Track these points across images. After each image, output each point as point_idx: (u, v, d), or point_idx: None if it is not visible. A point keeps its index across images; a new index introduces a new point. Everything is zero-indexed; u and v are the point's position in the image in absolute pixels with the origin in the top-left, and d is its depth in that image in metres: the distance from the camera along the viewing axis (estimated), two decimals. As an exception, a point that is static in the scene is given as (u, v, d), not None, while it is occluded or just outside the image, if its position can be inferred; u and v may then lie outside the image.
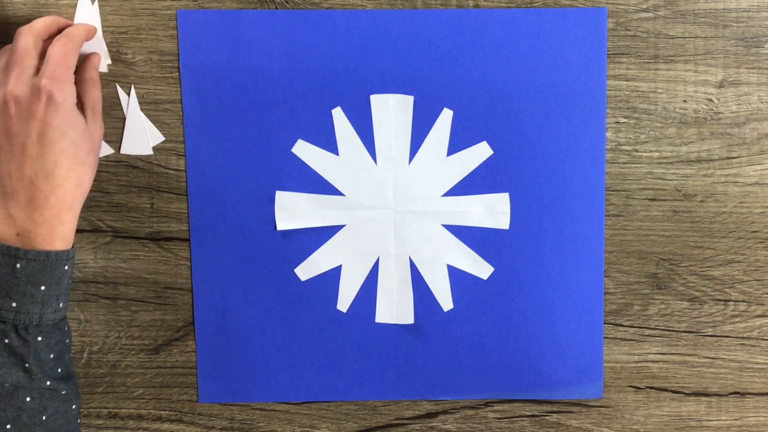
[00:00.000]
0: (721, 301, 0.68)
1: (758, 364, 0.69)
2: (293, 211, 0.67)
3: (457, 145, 0.67)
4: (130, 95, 0.66)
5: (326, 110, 0.66)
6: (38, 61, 0.59)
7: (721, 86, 0.66)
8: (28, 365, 0.57)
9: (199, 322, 0.68)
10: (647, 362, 0.69)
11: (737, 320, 0.69)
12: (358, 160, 0.67)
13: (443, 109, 0.66)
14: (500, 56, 0.66)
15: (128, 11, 0.65)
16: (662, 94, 0.66)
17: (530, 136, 0.66)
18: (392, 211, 0.67)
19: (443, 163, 0.67)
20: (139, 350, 0.69)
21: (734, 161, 0.67)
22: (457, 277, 0.68)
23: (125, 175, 0.67)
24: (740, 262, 0.68)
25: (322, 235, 0.68)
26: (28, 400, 0.57)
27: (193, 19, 0.65)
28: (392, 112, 0.66)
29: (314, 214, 0.67)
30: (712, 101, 0.66)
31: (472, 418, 0.70)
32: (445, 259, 0.68)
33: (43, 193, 0.57)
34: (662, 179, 0.67)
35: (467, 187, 0.67)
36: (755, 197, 0.67)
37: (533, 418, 0.70)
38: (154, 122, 0.67)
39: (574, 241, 0.67)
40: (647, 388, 0.69)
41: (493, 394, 0.69)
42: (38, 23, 0.60)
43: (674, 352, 0.69)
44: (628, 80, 0.66)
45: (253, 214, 0.67)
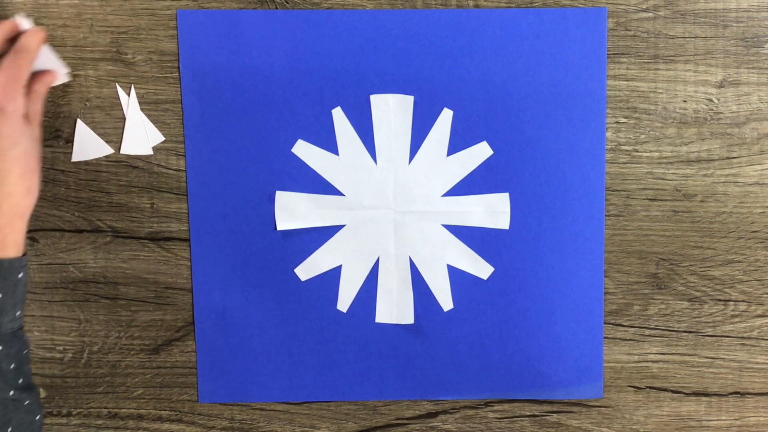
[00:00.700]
0: (721, 301, 0.68)
1: (758, 364, 0.69)
2: (293, 211, 0.67)
3: (457, 145, 0.67)
4: (130, 95, 0.66)
5: (326, 110, 0.66)
6: None
7: (721, 86, 0.66)
8: None
9: (199, 322, 0.68)
10: (647, 362, 0.69)
11: (737, 320, 0.69)
12: (358, 160, 0.67)
13: (443, 109, 0.66)
14: (500, 56, 0.66)
15: (128, 11, 0.65)
16: (662, 94, 0.66)
17: (530, 136, 0.66)
18: (392, 211, 0.67)
19: (443, 163, 0.67)
20: (139, 350, 0.69)
21: (734, 161, 0.67)
22: (457, 277, 0.68)
23: (125, 175, 0.67)
24: (740, 262, 0.68)
25: (322, 235, 0.68)
26: None
27: (193, 19, 0.65)
28: (392, 112, 0.66)
29: (314, 214, 0.67)
30: (712, 101, 0.66)
31: (472, 418, 0.70)
32: (445, 259, 0.68)
33: None
34: (662, 179, 0.67)
35: (467, 187, 0.67)
36: (755, 197, 0.67)
37: (533, 418, 0.70)
38: (154, 122, 0.67)
39: (574, 241, 0.67)
40: (647, 388, 0.69)
41: (493, 394, 0.69)
42: None
43: (674, 352, 0.69)
44: (628, 80, 0.66)
45: (253, 214, 0.67)
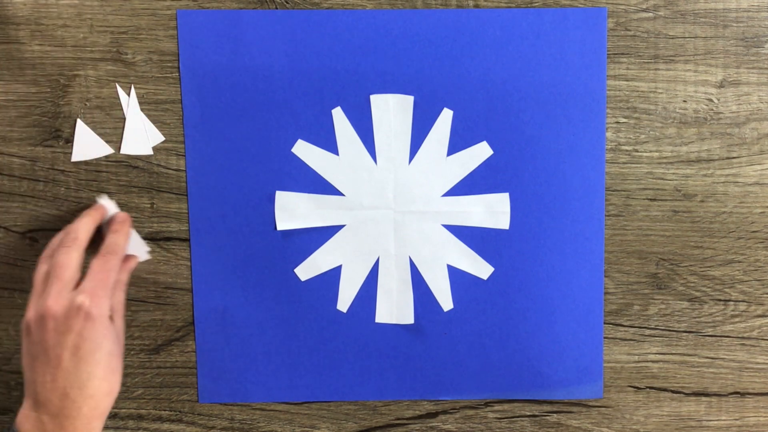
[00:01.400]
0: (721, 301, 0.68)
1: (758, 364, 0.69)
2: (293, 211, 0.67)
3: (457, 145, 0.67)
4: (130, 95, 0.66)
5: (326, 110, 0.66)
6: (79, 273, 0.59)
7: (721, 86, 0.66)
8: None
9: (199, 322, 0.68)
10: (647, 362, 0.69)
11: (737, 320, 0.69)
12: (358, 160, 0.67)
13: (443, 109, 0.66)
14: (500, 56, 0.66)
15: (128, 11, 0.65)
16: (662, 94, 0.66)
17: (530, 136, 0.66)
18: (392, 211, 0.67)
19: (443, 163, 0.67)
20: (139, 350, 0.69)
21: (734, 161, 0.67)
22: (457, 277, 0.68)
23: (125, 175, 0.67)
24: (740, 262, 0.68)
25: (322, 235, 0.68)
26: None
27: (193, 19, 0.65)
28: (392, 112, 0.66)
29: (314, 214, 0.67)
30: (712, 101, 0.66)
31: (472, 418, 0.70)
32: (445, 259, 0.68)
33: (76, 404, 0.56)
34: (662, 179, 0.67)
35: (467, 187, 0.67)
36: (755, 197, 0.67)
37: (533, 418, 0.70)
38: (154, 122, 0.67)
39: (574, 241, 0.67)
40: (647, 388, 0.69)
41: (493, 394, 0.69)
42: (82, 233, 0.60)
43: (674, 352, 0.69)
44: (628, 80, 0.66)
45: (253, 214, 0.67)
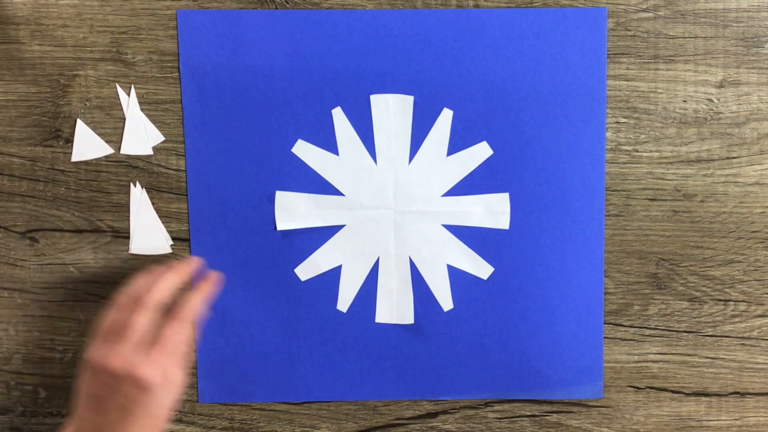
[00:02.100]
0: (721, 301, 0.68)
1: (758, 364, 0.69)
2: (293, 211, 0.67)
3: (457, 145, 0.67)
4: (130, 95, 0.66)
5: (326, 110, 0.66)
6: (148, 331, 0.58)
7: (721, 86, 0.66)
8: None
9: (199, 322, 0.68)
10: (647, 362, 0.69)
11: (737, 320, 0.69)
12: (358, 160, 0.67)
13: (443, 109, 0.66)
14: (500, 56, 0.66)
15: (128, 11, 0.65)
16: (662, 94, 0.66)
17: (530, 136, 0.66)
18: (392, 211, 0.67)
19: (443, 163, 0.67)
20: (139, 350, 0.69)
21: (734, 161, 0.67)
22: (457, 277, 0.68)
23: (125, 175, 0.67)
24: (740, 262, 0.68)
25: (322, 235, 0.67)
26: None
27: (193, 19, 0.65)
28: (392, 112, 0.66)
29: (314, 214, 0.67)
30: (712, 101, 0.66)
31: (472, 418, 0.70)
32: (445, 259, 0.68)
33: None
34: (662, 179, 0.67)
35: (467, 187, 0.67)
36: (755, 197, 0.67)
37: (533, 418, 0.70)
38: (154, 122, 0.67)
39: (574, 241, 0.67)
40: (647, 388, 0.69)
41: (493, 394, 0.69)
42: (164, 293, 0.59)
43: (674, 352, 0.69)
44: (628, 80, 0.66)
45: (253, 214, 0.67)
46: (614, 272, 0.68)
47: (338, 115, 0.66)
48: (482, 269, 0.68)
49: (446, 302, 0.68)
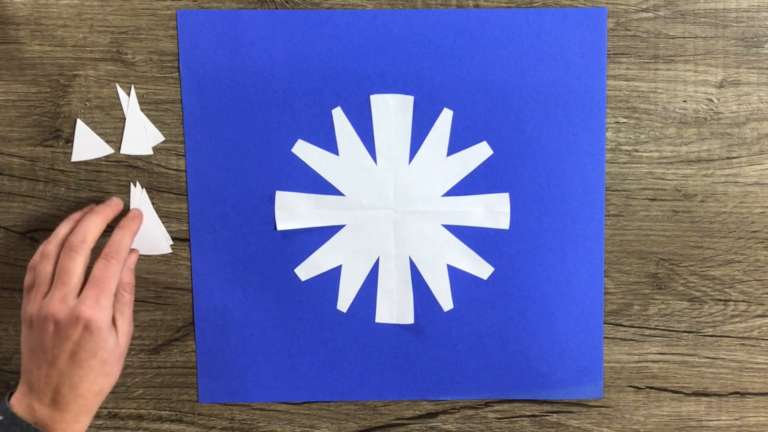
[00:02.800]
0: (721, 301, 0.68)
1: (758, 364, 0.69)
2: (293, 211, 0.67)
3: (457, 145, 0.67)
4: (130, 95, 0.66)
5: (326, 110, 0.66)
6: (83, 277, 0.60)
7: (721, 86, 0.66)
8: None
9: (199, 322, 0.68)
10: (647, 362, 0.69)
11: (737, 320, 0.69)
12: (358, 160, 0.67)
13: (443, 109, 0.66)
14: (500, 56, 0.66)
15: (128, 11, 0.65)
16: (662, 94, 0.66)
17: (530, 136, 0.66)
18: (392, 211, 0.67)
19: (443, 163, 0.67)
20: (139, 350, 0.69)
21: (734, 161, 0.67)
22: (457, 277, 0.68)
23: (125, 175, 0.67)
24: (740, 262, 0.68)
25: (322, 235, 0.67)
26: None
27: (193, 19, 0.65)
28: (392, 112, 0.66)
29: (314, 214, 0.67)
30: (712, 101, 0.66)
31: (472, 418, 0.70)
32: (445, 259, 0.68)
33: (65, 399, 0.59)
34: (662, 179, 0.67)
35: (467, 187, 0.67)
36: (755, 197, 0.67)
37: (533, 418, 0.70)
38: (154, 122, 0.67)
39: (574, 241, 0.67)
40: (647, 388, 0.69)
41: (493, 394, 0.69)
42: (90, 235, 0.60)
43: (674, 352, 0.69)
44: (628, 80, 0.66)
45: (253, 214, 0.67)
46: (614, 272, 0.68)
47: (338, 115, 0.66)
48: (482, 269, 0.68)
49: (446, 302, 0.68)
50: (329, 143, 0.67)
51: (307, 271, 0.68)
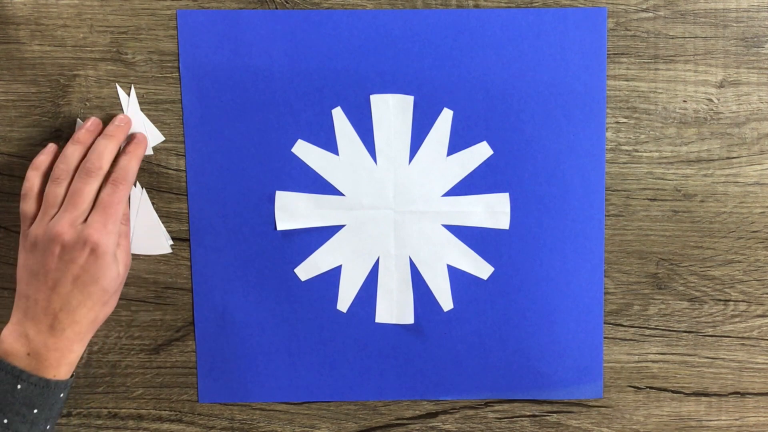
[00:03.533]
0: (721, 301, 0.68)
1: (758, 364, 0.69)
2: (293, 211, 0.67)
3: (457, 145, 0.67)
4: (130, 95, 0.66)
5: (326, 110, 0.66)
6: (92, 203, 0.60)
7: (721, 86, 0.66)
8: None
9: (199, 322, 0.68)
10: (647, 362, 0.69)
11: (737, 320, 0.69)
12: (358, 160, 0.67)
13: (443, 109, 0.66)
14: (500, 56, 0.66)
15: (128, 11, 0.65)
16: (662, 94, 0.66)
17: (530, 136, 0.66)
18: (392, 211, 0.67)
19: (443, 163, 0.67)
20: (139, 350, 0.69)
21: (734, 161, 0.67)
22: (457, 277, 0.68)
23: (125, 175, 0.67)
24: (740, 262, 0.68)
25: (322, 235, 0.68)
26: None
27: (193, 19, 0.65)
28: (392, 112, 0.66)
29: (314, 214, 0.67)
30: (712, 101, 0.66)
31: (472, 418, 0.70)
32: (445, 259, 0.68)
33: (61, 325, 0.59)
34: (662, 179, 0.67)
35: (467, 187, 0.67)
36: (755, 197, 0.67)
37: (533, 418, 0.70)
38: (154, 122, 0.67)
39: (574, 241, 0.67)
40: (647, 388, 0.69)
41: (493, 394, 0.69)
42: (106, 161, 0.60)
43: (674, 352, 0.69)
44: (628, 80, 0.66)
45: (253, 214, 0.67)
46: (614, 272, 0.68)
47: (338, 115, 0.66)
48: (482, 269, 0.68)
49: (446, 302, 0.68)
50: (329, 143, 0.67)
51: (307, 271, 0.68)
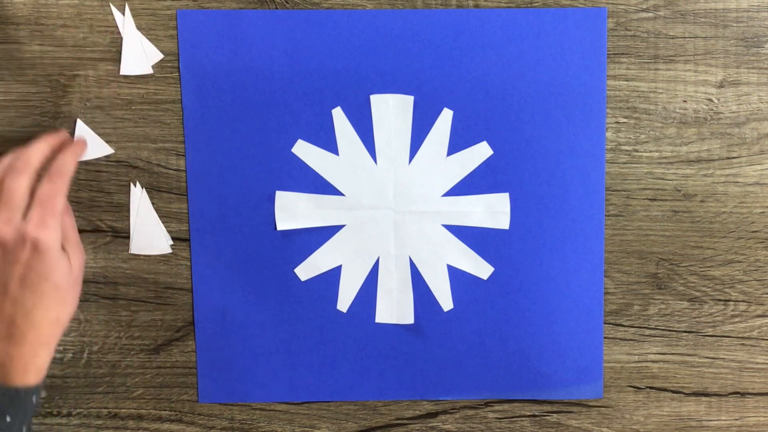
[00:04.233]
0: (721, 301, 0.68)
1: (758, 364, 0.69)
2: (293, 211, 0.67)
3: (457, 145, 0.67)
4: (125, 13, 0.65)
5: (326, 110, 0.66)
6: (28, 199, 0.57)
7: (721, 86, 0.66)
8: None
9: (199, 322, 0.68)
10: (647, 362, 0.69)
11: (737, 320, 0.69)
12: (358, 160, 0.67)
13: (443, 109, 0.66)
14: (500, 56, 0.66)
15: (128, 11, 0.65)
16: (662, 94, 0.66)
17: (530, 136, 0.66)
18: (392, 211, 0.67)
19: (443, 163, 0.67)
20: (139, 350, 0.69)
21: (734, 161, 0.67)
22: (457, 277, 0.68)
23: (125, 175, 0.67)
24: (740, 262, 0.68)
25: (322, 235, 0.68)
26: None
27: (193, 19, 0.65)
28: (392, 112, 0.66)
29: (314, 214, 0.67)
30: (712, 101, 0.66)
31: (472, 418, 0.70)
32: (445, 259, 0.68)
33: (21, 330, 0.56)
34: (662, 179, 0.67)
35: (467, 187, 0.67)
36: (755, 197, 0.67)
37: (533, 418, 0.70)
38: (154, 122, 0.67)
39: (574, 241, 0.67)
40: (647, 388, 0.69)
41: (493, 394, 0.69)
42: (34, 157, 0.58)
43: (674, 352, 0.69)
44: (628, 80, 0.66)
45: (253, 214, 0.67)
46: (614, 272, 0.68)
47: (338, 115, 0.66)
48: (482, 269, 0.68)
49: (446, 302, 0.68)
50: (329, 143, 0.67)
51: (307, 271, 0.68)
